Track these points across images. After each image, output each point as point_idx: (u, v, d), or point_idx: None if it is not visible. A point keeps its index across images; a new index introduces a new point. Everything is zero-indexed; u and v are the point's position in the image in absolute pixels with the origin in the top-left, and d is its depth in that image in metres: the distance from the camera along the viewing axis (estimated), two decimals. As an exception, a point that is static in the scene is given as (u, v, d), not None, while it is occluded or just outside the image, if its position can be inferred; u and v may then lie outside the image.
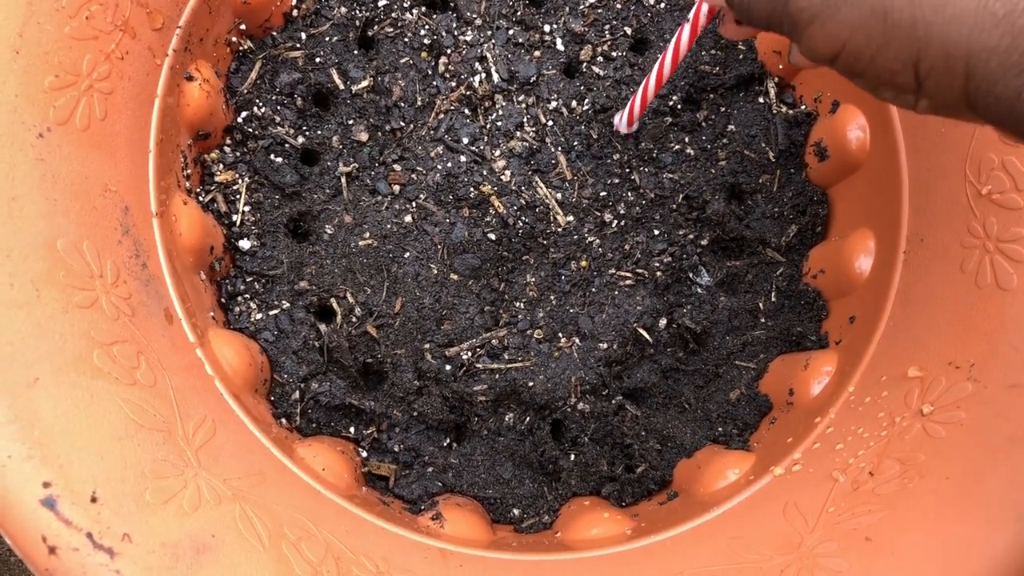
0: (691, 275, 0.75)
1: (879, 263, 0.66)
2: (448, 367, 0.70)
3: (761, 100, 0.76)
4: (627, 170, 0.74)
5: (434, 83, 0.74)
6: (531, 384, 0.70)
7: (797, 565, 0.54)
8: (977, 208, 0.59)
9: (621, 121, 0.72)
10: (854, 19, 0.40)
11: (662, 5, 0.76)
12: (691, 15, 0.62)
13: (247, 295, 0.70)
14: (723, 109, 0.76)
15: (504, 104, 0.74)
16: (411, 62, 0.74)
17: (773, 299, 0.73)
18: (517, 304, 0.73)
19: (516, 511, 0.69)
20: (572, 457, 0.71)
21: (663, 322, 0.73)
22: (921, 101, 0.41)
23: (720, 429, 0.70)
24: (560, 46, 0.75)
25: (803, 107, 0.76)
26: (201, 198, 0.70)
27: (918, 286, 0.62)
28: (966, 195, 0.60)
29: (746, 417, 0.70)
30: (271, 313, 0.70)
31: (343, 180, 0.73)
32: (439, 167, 0.72)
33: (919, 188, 0.64)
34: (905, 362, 0.60)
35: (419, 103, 0.73)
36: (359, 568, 0.53)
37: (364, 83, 0.74)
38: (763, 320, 0.73)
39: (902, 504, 0.55)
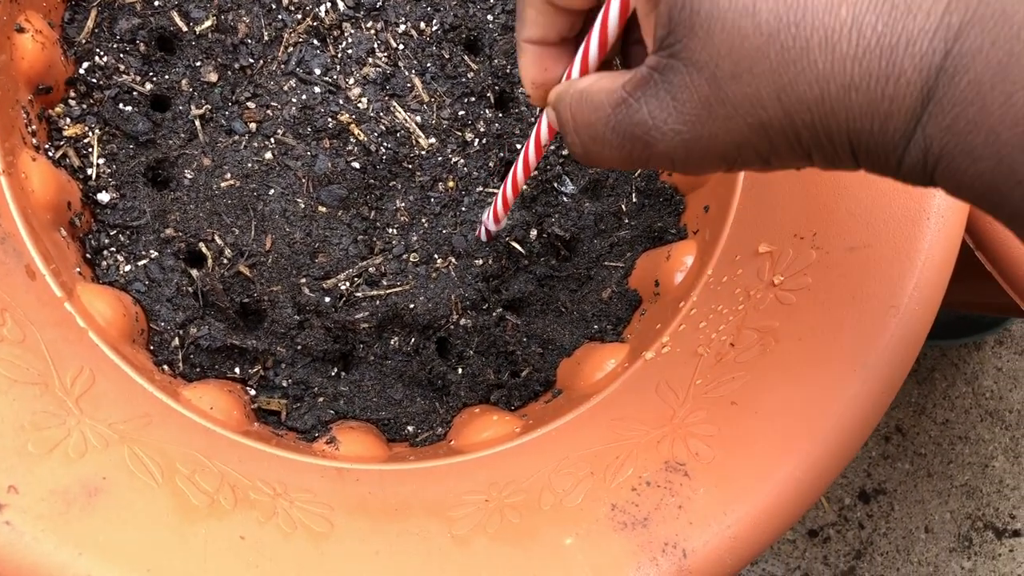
0: (556, 185, 0.77)
1: (727, 153, 0.70)
2: (327, 299, 0.71)
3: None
4: (482, 88, 0.75)
5: (279, 17, 0.73)
6: (412, 307, 0.72)
7: (672, 436, 0.59)
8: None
9: (488, 219, 0.70)
10: (737, 139, 0.41)
11: (499, -79, 0.77)
12: (534, 131, 0.58)
13: (112, 248, 0.69)
14: (569, 20, 0.78)
15: (353, 32, 0.74)
16: (254, -3, 0.73)
17: (634, 200, 0.76)
18: (390, 230, 0.74)
19: (410, 428, 0.71)
20: (460, 371, 0.73)
21: (534, 233, 0.75)
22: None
23: (596, 327, 0.73)
24: (403, -31, 0.75)
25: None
26: (51, 154, 0.68)
27: (763, 170, 0.66)
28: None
29: (619, 312, 0.73)
30: (140, 264, 0.69)
31: (197, 123, 0.72)
32: (294, 100, 0.72)
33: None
34: (756, 240, 0.64)
35: (266, 38, 0.73)
36: (256, 492, 0.54)
37: (208, 23, 0.72)
38: (627, 221, 0.76)
39: (761, 368, 0.60)
